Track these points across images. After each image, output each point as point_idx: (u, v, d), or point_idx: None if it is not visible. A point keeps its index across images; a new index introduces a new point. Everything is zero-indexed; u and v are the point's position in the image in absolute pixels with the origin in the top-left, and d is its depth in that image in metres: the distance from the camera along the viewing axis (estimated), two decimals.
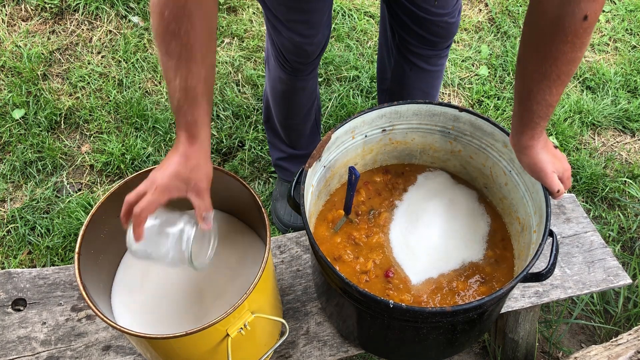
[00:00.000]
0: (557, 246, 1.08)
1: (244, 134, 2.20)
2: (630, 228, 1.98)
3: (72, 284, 1.33)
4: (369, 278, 1.19)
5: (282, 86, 1.63)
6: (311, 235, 1.05)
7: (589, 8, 0.84)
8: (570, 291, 1.35)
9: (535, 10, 0.90)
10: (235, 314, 0.96)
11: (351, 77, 2.40)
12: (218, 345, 1.01)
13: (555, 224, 1.47)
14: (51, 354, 1.23)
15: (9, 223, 1.95)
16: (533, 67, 0.95)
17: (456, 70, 2.50)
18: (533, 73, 0.95)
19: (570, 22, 0.86)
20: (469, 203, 1.33)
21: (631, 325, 1.72)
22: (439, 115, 1.27)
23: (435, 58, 1.66)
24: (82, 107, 2.28)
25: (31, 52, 2.40)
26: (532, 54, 0.94)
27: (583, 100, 2.38)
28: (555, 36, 0.88)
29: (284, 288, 1.35)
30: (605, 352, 1.27)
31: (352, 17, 2.64)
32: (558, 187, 1.06)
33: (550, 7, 0.86)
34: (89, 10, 2.56)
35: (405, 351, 1.22)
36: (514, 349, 1.54)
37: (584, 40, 0.88)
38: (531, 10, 0.91)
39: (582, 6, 0.84)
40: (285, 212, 1.94)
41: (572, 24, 0.86)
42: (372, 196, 1.34)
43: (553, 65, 0.92)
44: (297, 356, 1.25)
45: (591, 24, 0.86)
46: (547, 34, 0.89)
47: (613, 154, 2.25)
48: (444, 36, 1.57)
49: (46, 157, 2.12)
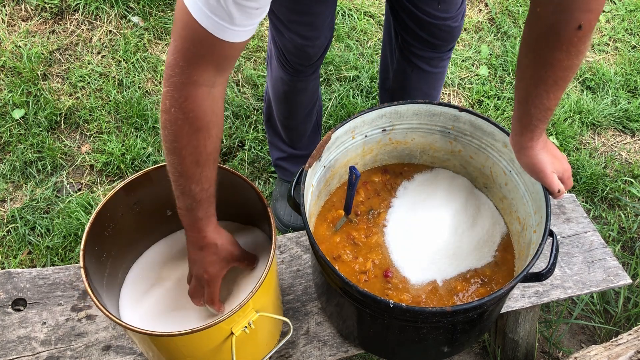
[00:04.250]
0: (557, 246, 1.08)
1: (244, 134, 2.20)
2: (630, 228, 1.98)
3: (72, 284, 1.33)
4: (367, 278, 1.19)
5: (284, 87, 1.63)
6: (311, 235, 1.05)
7: (584, 18, 0.84)
8: (570, 291, 1.35)
9: (532, 17, 0.90)
10: (240, 312, 0.96)
11: (351, 77, 2.40)
12: (222, 344, 1.01)
13: (555, 224, 1.47)
14: (51, 354, 1.23)
15: (9, 223, 1.95)
16: (530, 72, 0.95)
17: (456, 70, 2.50)
18: (530, 78, 0.95)
19: (564, 30, 0.86)
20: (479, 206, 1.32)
21: (631, 325, 1.72)
22: (439, 115, 1.27)
23: (437, 60, 1.65)
24: (82, 107, 2.28)
25: (31, 52, 2.39)
26: (529, 59, 0.95)
27: (583, 100, 2.38)
28: (551, 44, 0.89)
29: (284, 288, 1.35)
30: (605, 352, 1.27)
31: (352, 17, 2.64)
32: (558, 187, 1.06)
33: (545, 14, 0.87)
34: (89, 10, 2.56)
35: (405, 351, 1.22)
36: (514, 349, 1.54)
37: (580, 48, 0.88)
38: (529, 17, 0.91)
39: (576, 15, 0.84)
40: (285, 212, 1.94)
41: (567, 33, 0.86)
42: (371, 196, 1.34)
43: (549, 71, 0.92)
44: (297, 356, 1.25)
45: (586, 33, 0.86)
46: (542, 40, 0.90)
47: (613, 154, 2.25)
48: (447, 39, 1.57)
49: (46, 157, 2.12)
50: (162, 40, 2.52)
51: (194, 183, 0.96)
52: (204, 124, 0.91)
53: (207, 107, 0.90)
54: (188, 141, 0.91)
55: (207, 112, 0.91)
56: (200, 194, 0.97)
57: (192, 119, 0.90)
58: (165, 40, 2.52)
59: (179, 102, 0.89)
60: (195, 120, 0.90)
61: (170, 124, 0.91)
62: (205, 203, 0.99)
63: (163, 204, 1.19)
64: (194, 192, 0.97)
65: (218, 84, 0.92)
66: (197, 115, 0.90)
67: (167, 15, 2.59)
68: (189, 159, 0.93)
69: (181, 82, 0.87)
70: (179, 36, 0.86)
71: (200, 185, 0.96)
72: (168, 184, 1.00)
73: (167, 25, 2.55)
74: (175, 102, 0.89)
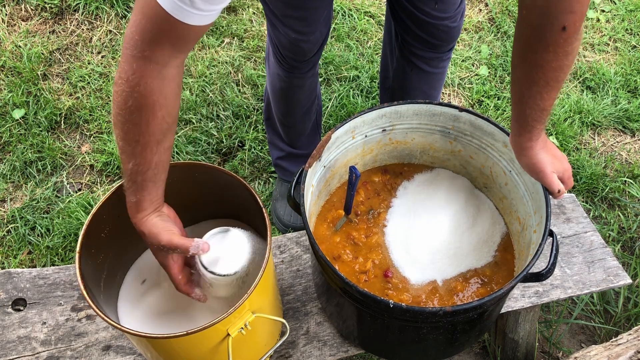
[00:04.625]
0: (557, 246, 1.08)
1: (244, 134, 2.20)
2: (630, 228, 1.98)
3: (72, 284, 1.33)
4: (367, 278, 1.19)
5: (280, 83, 1.64)
6: (311, 235, 1.05)
7: (567, 19, 0.85)
8: (570, 291, 1.35)
9: (519, 20, 0.92)
10: (236, 313, 0.96)
11: (351, 77, 2.40)
12: (219, 345, 1.01)
13: (555, 224, 1.47)
14: (51, 354, 1.23)
15: (9, 223, 1.95)
16: (522, 73, 0.96)
17: (456, 70, 2.50)
18: (522, 79, 0.96)
19: (549, 32, 0.87)
20: (479, 206, 1.32)
21: (631, 325, 1.72)
22: (439, 115, 1.27)
23: (436, 60, 1.65)
24: (82, 107, 2.28)
25: (31, 52, 2.40)
26: (520, 61, 0.95)
27: (583, 100, 2.38)
28: (538, 45, 0.90)
29: (284, 288, 1.35)
30: (605, 352, 1.27)
31: (352, 17, 2.64)
32: (558, 187, 1.06)
33: (531, 17, 0.88)
34: (89, 10, 2.56)
35: (405, 351, 1.22)
36: (514, 349, 1.54)
37: (567, 49, 0.89)
38: (518, 19, 0.93)
39: (560, 17, 0.85)
40: (285, 212, 1.94)
41: (552, 35, 0.87)
42: (371, 196, 1.34)
43: (540, 72, 0.93)
44: (297, 356, 1.25)
45: (570, 34, 0.87)
46: (530, 42, 0.91)
47: (613, 154, 2.25)
48: (445, 40, 1.57)
49: (46, 157, 2.12)
50: None
51: (131, 161, 0.93)
52: (149, 103, 0.89)
53: (154, 86, 0.89)
54: (129, 117, 0.90)
55: (153, 90, 0.89)
56: (135, 175, 0.94)
57: (137, 94, 0.88)
58: None
59: (127, 75, 0.87)
60: (139, 97, 0.88)
61: (117, 95, 0.89)
62: (141, 187, 0.96)
63: None
64: (129, 172, 0.94)
65: (171, 66, 0.90)
66: (142, 92, 0.88)
67: None
68: (129, 136, 0.91)
69: (132, 55, 0.86)
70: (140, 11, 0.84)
71: (137, 166, 0.93)
72: (165, 185, 1.00)
73: None
74: (124, 74, 0.87)
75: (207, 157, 2.14)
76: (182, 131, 2.21)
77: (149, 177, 0.96)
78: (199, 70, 2.40)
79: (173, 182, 1.15)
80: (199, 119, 2.24)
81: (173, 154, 2.13)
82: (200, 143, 2.17)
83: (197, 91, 2.33)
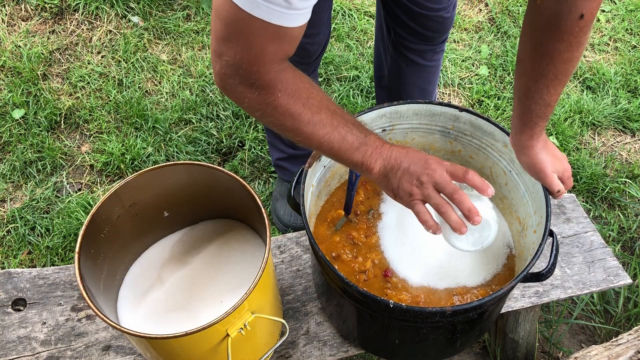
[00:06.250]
0: (557, 246, 1.08)
1: (244, 134, 2.20)
2: (630, 228, 1.98)
3: (72, 284, 1.33)
4: (367, 277, 1.19)
5: None
6: (311, 235, 1.05)
7: (586, 7, 0.84)
8: (570, 291, 1.35)
9: (532, 8, 0.90)
10: (235, 314, 0.96)
11: (351, 77, 2.40)
12: (218, 345, 1.01)
13: (555, 224, 1.47)
14: (51, 354, 1.23)
15: (9, 223, 1.95)
16: (530, 66, 0.95)
17: (456, 70, 2.50)
18: (530, 72, 0.95)
19: (566, 20, 0.86)
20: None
21: (631, 325, 1.72)
22: (439, 115, 1.27)
23: (430, 53, 1.66)
24: (82, 107, 2.28)
25: (31, 52, 2.39)
26: (529, 53, 0.94)
27: (583, 100, 2.38)
28: (552, 34, 0.89)
29: (284, 288, 1.35)
30: (605, 352, 1.27)
31: (352, 17, 2.64)
32: (558, 187, 1.06)
33: (547, 4, 0.87)
34: (89, 10, 2.56)
35: (405, 351, 1.22)
36: (514, 349, 1.54)
37: (581, 39, 0.88)
38: (529, 8, 0.91)
39: (578, 4, 0.84)
40: (285, 212, 1.94)
41: (568, 22, 0.86)
42: (371, 196, 1.34)
43: (550, 64, 0.92)
44: (297, 356, 1.25)
45: (587, 22, 0.86)
46: (543, 32, 0.89)
47: (613, 154, 2.25)
48: (439, 31, 1.58)
49: (46, 157, 2.12)
50: (162, 40, 2.52)
51: (348, 122, 0.91)
52: (303, 87, 0.89)
53: (296, 78, 0.88)
54: (312, 106, 0.88)
55: (302, 79, 0.89)
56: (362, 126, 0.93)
57: (289, 91, 0.87)
58: (165, 40, 2.52)
59: (270, 101, 0.85)
60: (291, 90, 0.88)
61: (278, 118, 0.88)
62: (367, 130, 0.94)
63: (160, 205, 1.19)
64: (356, 130, 0.92)
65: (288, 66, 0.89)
66: (293, 86, 0.88)
67: (167, 15, 2.59)
68: (328, 114, 0.90)
69: (263, 84, 0.84)
70: (256, 41, 0.80)
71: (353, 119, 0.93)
72: (165, 185, 0.99)
73: (167, 25, 2.55)
74: (265, 104, 0.86)
75: (207, 157, 2.14)
76: (182, 131, 2.21)
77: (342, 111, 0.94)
78: (199, 70, 2.40)
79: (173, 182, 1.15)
80: (199, 119, 2.24)
81: (173, 153, 2.13)
82: (200, 143, 2.17)
83: (197, 91, 2.34)
